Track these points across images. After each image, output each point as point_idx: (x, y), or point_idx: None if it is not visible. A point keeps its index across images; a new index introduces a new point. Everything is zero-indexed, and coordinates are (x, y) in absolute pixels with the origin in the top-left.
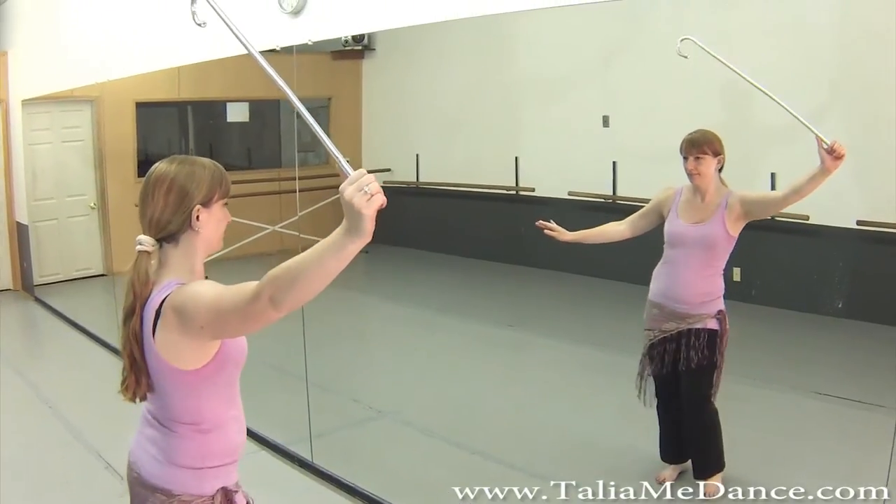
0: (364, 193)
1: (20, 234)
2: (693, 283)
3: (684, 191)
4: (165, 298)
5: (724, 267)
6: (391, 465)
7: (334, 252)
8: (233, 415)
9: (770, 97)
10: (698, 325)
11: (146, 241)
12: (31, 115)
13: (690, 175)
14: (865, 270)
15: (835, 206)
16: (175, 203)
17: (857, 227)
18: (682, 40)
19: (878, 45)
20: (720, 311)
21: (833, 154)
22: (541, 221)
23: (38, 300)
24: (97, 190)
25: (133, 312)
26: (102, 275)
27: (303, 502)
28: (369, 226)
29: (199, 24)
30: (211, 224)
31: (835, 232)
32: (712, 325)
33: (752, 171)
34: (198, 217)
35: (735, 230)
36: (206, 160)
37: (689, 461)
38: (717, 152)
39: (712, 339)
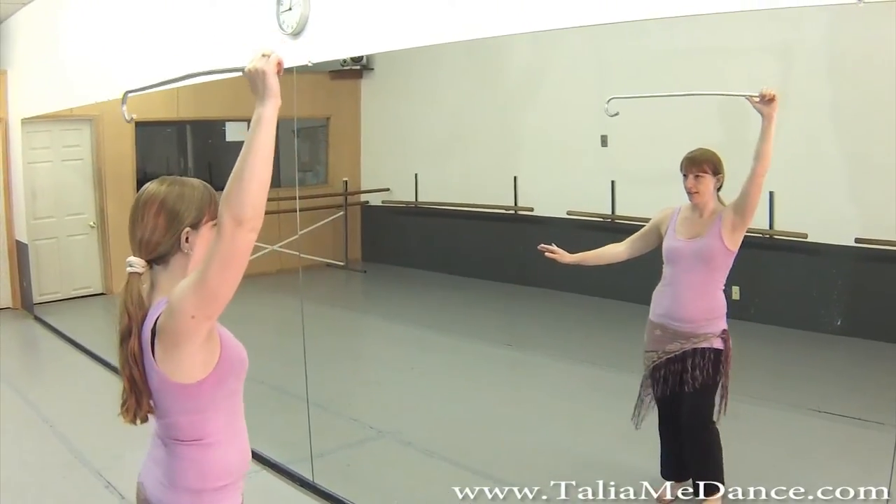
0: (262, 58)
1: (20, 253)
2: (694, 301)
3: (682, 209)
4: (159, 316)
5: (723, 283)
6: (391, 484)
7: (256, 127)
8: (235, 430)
9: (709, 94)
10: (704, 345)
11: (136, 263)
12: (31, 133)
13: (690, 193)
14: (864, 288)
15: (833, 224)
16: (164, 225)
17: (855, 245)
18: (608, 101)
19: (874, 64)
20: (724, 331)
21: (766, 99)
22: (542, 245)
23: (37, 319)
24: (96, 209)
25: (129, 334)
26: (102, 294)
27: None
28: (273, 82)
29: (128, 120)
30: (201, 246)
31: (833, 250)
32: (717, 344)
33: None
34: (187, 239)
35: (732, 243)
36: (196, 181)
37: (689, 480)
38: (717, 171)
39: (717, 359)
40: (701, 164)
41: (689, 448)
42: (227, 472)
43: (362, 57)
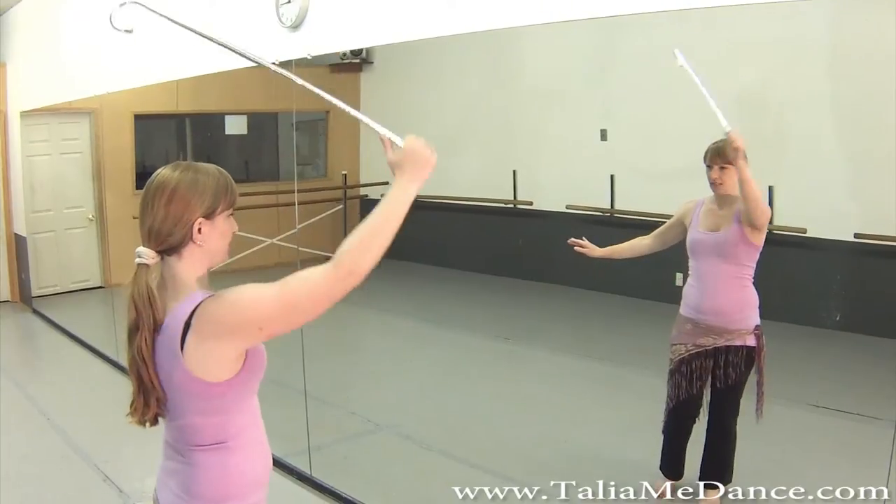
0: (428, 148)
1: (18, 246)
2: (721, 293)
3: (706, 201)
4: (195, 310)
5: (751, 276)
6: (389, 478)
7: (404, 203)
8: (257, 434)
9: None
10: (737, 342)
11: (146, 254)
12: (30, 126)
13: (713, 185)
14: (863, 283)
15: (833, 219)
16: (176, 215)
17: (855, 241)
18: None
19: (874, 59)
20: (758, 327)
21: (731, 146)
22: (572, 239)
23: (36, 312)
24: (95, 202)
25: (137, 329)
26: (100, 287)
27: None
28: (429, 174)
29: (126, 31)
30: (214, 237)
31: (833, 245)
32: (751, 341)
33: None
34: (199, 230)
35: (755, 237)
36: (212, 167)
37: (684, 477)
38: None
39: (750, 357)
40: (726, 156)
41: (708, 444)
42: (252, 480)
43: (362, 50)
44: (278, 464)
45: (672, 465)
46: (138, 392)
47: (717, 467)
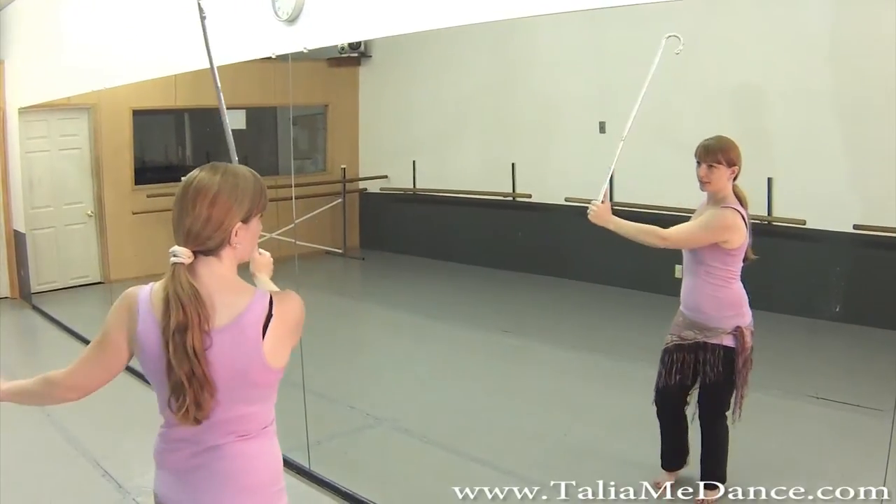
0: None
1: (17, 243)
2: (697, 291)
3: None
4: (272, 305)
5: (732, 277)
6: (389, 472)
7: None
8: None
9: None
10: (713, 340)
11: (182, 253)
12: (28, 123)
13: (701, 182)
14: (863, 274)
15: (832, 210)
16: (218, 220)
17: (854, 232)
18: (667, 37)
19: (874, 49)
20: (737, 328)
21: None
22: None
23: (35, 308)
24: (94, 198)
25: (186, 328)
26: (100, 282)
27: None
28: None
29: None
30: (247, 239)
31: (832, 236)
32: (728, 341)
33: (748, 175)
34: (236, 234)
35: (722, 241)
36: (247, 171)
37: (686, 467)
38: (732, 162)
39: (728, 357)
40: (716, 154)
41: (702, 442)
42: (281, 468)
43: (360, 44)
44: None
45: (667, 458)
46: (189, 388)
47: (707, 465)
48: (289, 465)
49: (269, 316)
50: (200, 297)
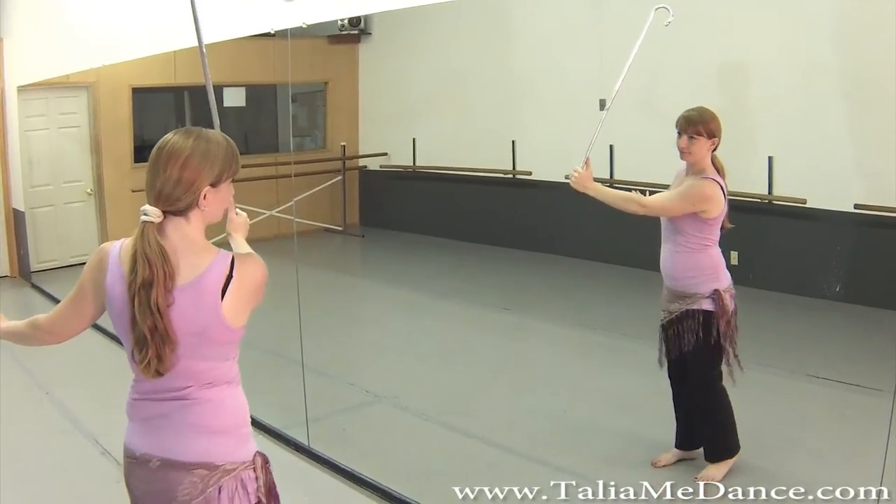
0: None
1: (17, 221)
2: (674, 257)
3: (683, 169)
4: (233, 264)
5: (709, 242)
6: (387, 449)
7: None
8: None
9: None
10: (694, 306)
11: (153, 213)
12: (27, 101)
13: (681, 152)
14: (863, 254)
15: (833, 189)
16: (187, 182)
17: (855, 211)
18: (656, 9)
19: (876, 28)
20: (715, 291)
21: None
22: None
23: (35, 287)
24: (93, 176)
25: (151, 284)
26: None
27: (299, 486)
28: None
29: None
30: (216, 202)
31: (833, 216)
32: (707, 305)
33: (749, 154)
34: (205, 196)
35: (700, 210)
36: (220, 136)
37: (698, 451)
38: (713, 134)
39: (707, 322)
40: (696, 125)
41: (697, 410)
42: (247, 410)
43: (360, 21)
44: (276, 435)
45: (678, 435)
46: (151, 342)
47: (707, 441)
48: (287, 441)
49: (230, 277)
50: (167, 256)
